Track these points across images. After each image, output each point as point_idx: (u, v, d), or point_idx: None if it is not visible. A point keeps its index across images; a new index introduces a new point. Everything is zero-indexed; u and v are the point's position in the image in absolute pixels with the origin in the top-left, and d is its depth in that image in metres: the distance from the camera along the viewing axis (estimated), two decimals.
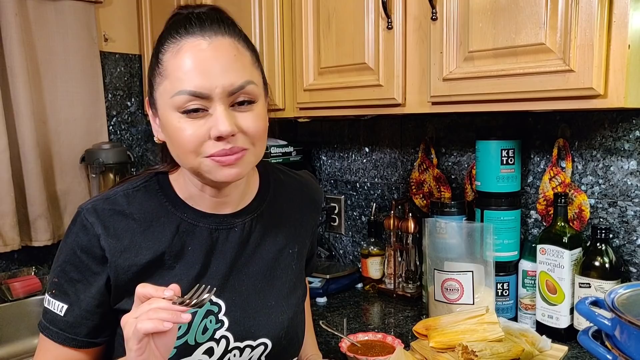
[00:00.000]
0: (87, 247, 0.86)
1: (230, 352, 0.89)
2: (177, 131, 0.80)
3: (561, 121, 1.43)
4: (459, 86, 1.19)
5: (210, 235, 0.92)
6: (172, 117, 0.81)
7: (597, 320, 0.83)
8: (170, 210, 0.91)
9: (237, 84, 0.80)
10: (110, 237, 0.86)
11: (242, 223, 0.95)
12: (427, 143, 1.71)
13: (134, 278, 0.86)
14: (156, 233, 0.89)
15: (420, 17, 1.26)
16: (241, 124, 0.81)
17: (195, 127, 0.79)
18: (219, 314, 0.90)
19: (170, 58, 0.81)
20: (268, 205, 1.00)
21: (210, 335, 0.88)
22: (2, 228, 1.78)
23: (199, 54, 0.79)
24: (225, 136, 0.79)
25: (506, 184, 1.43)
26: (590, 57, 0.99)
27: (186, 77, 0.78)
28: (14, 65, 1.78)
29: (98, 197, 0.91)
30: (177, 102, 0.79)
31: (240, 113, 0.82)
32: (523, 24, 1.07)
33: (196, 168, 0.83)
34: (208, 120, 0.80)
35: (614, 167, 1.35)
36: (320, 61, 1.48)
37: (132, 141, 2.22)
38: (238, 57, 0.82)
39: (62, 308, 0.87)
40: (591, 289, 1.26)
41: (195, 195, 0.92)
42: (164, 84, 0.81)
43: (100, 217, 0.87)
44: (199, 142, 0.80)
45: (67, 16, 1.97)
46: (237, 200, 0.95)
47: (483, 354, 1.11)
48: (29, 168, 1.82)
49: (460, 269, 1.38)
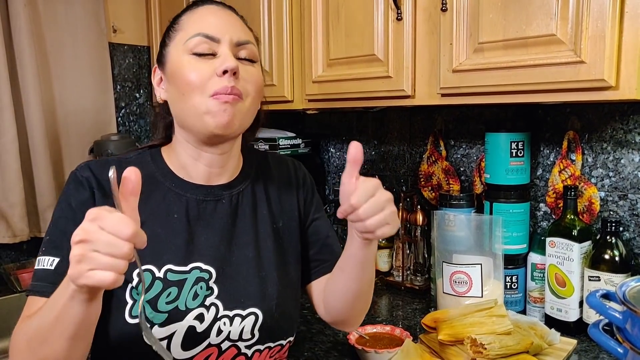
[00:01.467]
0: (82, 200, 0.88)
1: (220, 320, 0.90)
2: (187, 70, 0.88)
3: (571, 113, 1.42)
4: (469, 78, 1.18)
5: (198, 205, 0.95)
6: (183, 60, 0.89)
7: (608, 313, 0.83)
8: (159, 180, 0.96)
9: (242, 38, 0.92)
10: (102, 194, 0.89)
11: (229, 195, 0.98)
12: (436, 135, 1.71)
13: None
14: (143, 199, 0.85)
15: (430, 8, 1.25)
16: (242, 71, 0.90)
17: (204, 66, 0.88)
18: (209, 281, 0.91)
19: (188, 16, 0.93)
20: (252, 181, 1.03)
21: (200, 302, 0.89)
22: (12, 219, 1.79)
23: (214, 11, 0.93)
24: (230, 70, 0.86)
25: (515, 177, 1.42)
26: (602, 48, 0.98)
27: (200, 24, 0.90)
28: (23, 57, 1.78)
29: (91, 160, 0.96)
30: (190, 44, 0.89)
31: (243, 65, 0.91)
32: (534, 14, 1.06)
33: (196, 108, 0.88)
34: (215, 61, 0.88)
35: (624, 159, 1.34)
36: (329, 53, 1.47)
37: (141, 132, 2.23)
38: (244, 26, 0.95)
39: (53, 262, 0.86)
40: (601, 282, 1.25)
41: (188, 165, 0.96)
42: (179, 34, 0.92)
43: (94, 173, 0.91)
44: (205, 78, 0.87)
45: (76, 7, 1.97)
46: (230, 172, 1.00)
47: (492, 347, 1.11)
48: (38, 159, 1.83)
49: (468, 261, 1.37)
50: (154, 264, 0.89)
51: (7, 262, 1.86)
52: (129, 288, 0.88)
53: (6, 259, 1.87)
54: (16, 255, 1.89)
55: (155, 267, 0.89)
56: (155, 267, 0.89)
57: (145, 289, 0.87)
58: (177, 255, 0.91)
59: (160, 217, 0.93)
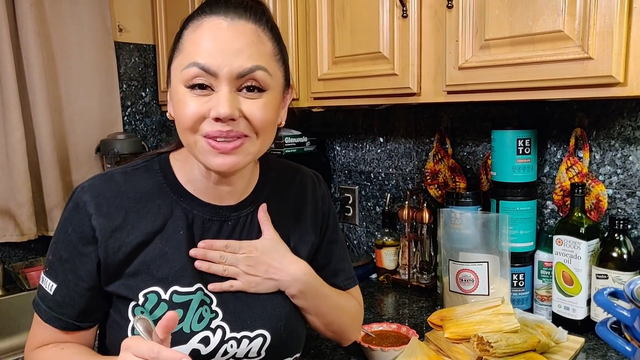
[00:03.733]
0: (78, 227, 0.85)
1: (227, 343, 0.87)
2: (180, 105, 0.81)
3: (579, 110, 1.41)
4: (475, 75, 1.17)
5: (203, 225, 0.91)
6: (179, 91, 0.81)
7: (616, 312, 0.82)
8: (166, 192, 0.91)
9: (245, 67, 0.79)
10: (102, 216, 0.85)
11: (237, 217, 0.94)
12: (442, 133, 1.70)
13: (124, 259, 0.86)
14: (150, 214, 0.88)
15: (435, 5, 1.25)
16: (245, 109, 0.80)
17: (197, 103, 0.79)
18: (212, 304, 0.89)
19: (189, 34, 0.82)
20: (265, 200, 0.98)
21: (206, 325, 0.87)
22: (19, 218, 1.80)
23: (216, 32, 0.79)
24: (224, 119, 0.78)
25: (522, 174, 1.41)
26: (610, 44, 0.97)
27: (198, 52, 0.79)
28: (30, 56, 1.79)
29: (96, 176, 0.91)
30: (185, 75, 0.79)
31: (247, 99, 0.81)
32: (540, 10, 1.06)
33: (192, 147, 0.83)
34: (211, 99, 0.79)
35: (632, 156, 1.33)
36: (334, 50, 1.47)
37: (147, 131, 2.23)
38: (255, 44, 0.81)
39: (52, 287, 0.87)
40: (609, 280, 1.24)
41: (197, 179, 0.91)
42: (179, 58, 0.82)
43: (94, 195, 0.86)
44: (197, 118, 0.79)
45: (82, 7, 1.98)
46: (240, 193, 0.95)
47: (498, 345, 1.11)
48: (45, 158, 1.84)
49: (475, 259, 1.37)
50: (160, 284, 0.86)
51: (15, 261, 1.87)
52: (131, 305, 0.86)
53: (14, 258, 1.88)
54: (24, 253, 1.90)
55: (161, 289, 0.86)
56: (161, 288, 0.86)
57: (150, 309, 0.85)
58: (183, 275, 0.88)
59: (168, 234, 0.89)
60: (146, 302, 0.85)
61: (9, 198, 1.80)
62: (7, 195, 1.80)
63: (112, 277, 0.87)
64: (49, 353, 0.88)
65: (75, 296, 0.87)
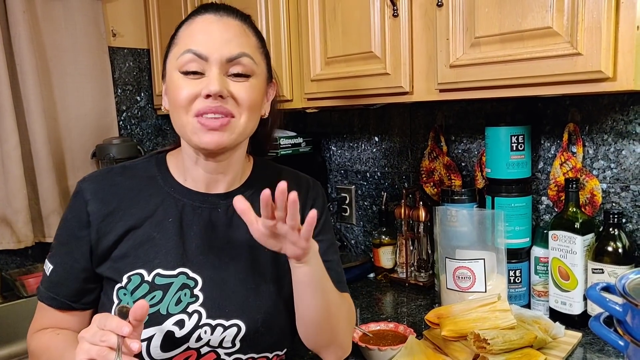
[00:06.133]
0: (76, 212, 0.94)
1: (201, 328, 0.90)
2: (175, 89, 0.89)
3: (571, 105, 1.41)
4: (466, 73, 1.18)
5: (193, 211, 0.97)
6: (174, 77, 0.90)
7: (608, 306, 0.82)
8: (159, 184, 0.98)
9: (233, 53, 0.89)
10: (97, 201, 0.94)
11: (227, 205, 0.98)
12: (436, 131, 1.70)
13: (113, 242, 0.93)
14: (142, 202, 0.96)
15: (425, 3, 1.25)
16: (233, 90, 0.89)
17: (190, 85, 0.88)
18: (195, 288, 0.92)
19: (184, 30, 0.92)
20: (256, 194, 0.98)
21: (183, 308, 0.90)
22: (16, 225, 1.80)
23: (207, 25, 0.90)
24: (214, 95, 0.86)
25: (516, 170, 1.41)
26: (598, 39, 0.97)
27: (191, 40, 0.89)
28: (24, 63, 1.79)
29: (99, 170, 1.01)
30: (180, 62, 0.89)
31: (235, 82, 0.90)
32: (529, 7, 1.06)
33: (184, 128, 0.90)
34: (203, 81, 0.88)
35: (625, 150, 1.33)
36: (327, 51, 1.47)
37: (143, 135, 2.23)
38: (242, 35, 0.92)
39: (49, 268, 0.96)
40: (604, 274, 1.25)
41: (188, 169, 0.98)
42: (174, 50, 0.92)
43: (93, 184, 0.96)
44: (190, 98, 0.88)
45: (75, 12, 1.97)
46: (229, 181, 1.00)
47: (495, 342, 1.11)
48: (41, 164, 1.84)
49: (471, 256, 1.37)
50: (145, 267, 0.92)
51: (12, 268, 1.87)
52: (116, 287, 0.92)
53: (11, 265, 1.88)
54: (21, 260, 1.90)
55: (145, 271, 0.92)
56: (145, 270, 0.92)
57: (132, 290, 0.91)
58: (167, 259, 0.93)
59: (157, 220, 0.95)
60: (129, 283, 0.91)
61: (5, 205, 1.79)
62: (3, 202, 1.79)
63: (101, 259, 0.94)
64: (46, 337, 0.95)
65: (69, 277, 0.94)
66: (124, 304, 0.90)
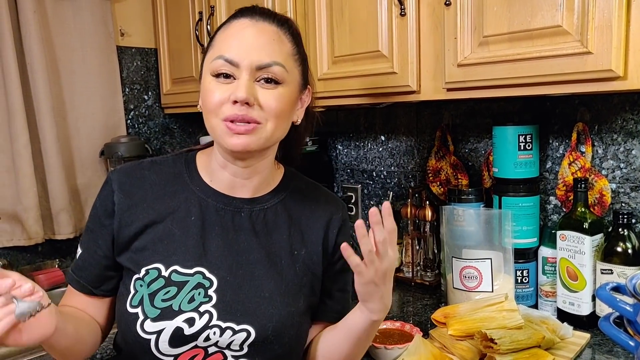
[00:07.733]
0: (103, 200, 0.97)
1: (211, 329, 0.90)
2: (207, 92, 0.91)
3: (580, 105, 1.40)
4: (474, 72, 1.17)
5: (216, 212, 0.97)
6: (207, 80, 0.91)
7: (619, 306, 0.82)
8: (186, 181, 0.99)
9: (264, 61, 0.89)
10: (122, 192, 0.96)
11: (250, 210, 0.99)
12: (443, 130, 1.70)
13: (134, 234, 0.95)
14: (166, 197, 0.97)
15: (433, 2, 1.25)
16: (260, 97, 0.89)
17: (221, 90, 0.89)
18: (209, 289, 0.92)
19: (220, 34, 0.94)
20: (281, 203, 1.02)
21: (195, 306, 0.90)
22: (26, 222, 1.81)
23: (241, 30, 0.91)
24: (240, 102, 0.87)
25: (524, 170, 1.41)
26: (609, 38, 0.97)
27: (225, 47, 0.90)
28: (34, 62, 1.80)
29: (130, 162, 1.03)
30: (213, 66, 0.90)
31: (263, 89, 0.90)
32: (539, 6, 1.05)
33: (214, 130, 0.91)
34: (232, 86, 0.89)
35: (635, 150, 1.32)
36: (334, 50, 1.47)
37: (150, 134, 2.24)
38: (276, 42, 0.91)
39: (79, 253, 1.00)
40: (613, 275, 1.24)
41: (215, 171, 0.99)
42: (210, 52, 0.93)
43: (121, 175, 0.98)
44: (219, 102, 0.89)
45: (84, 12, 1.99)
46: (255, 187, 1.00)
47: (502, 342, 1.11)
48: (51, 163, 1.85)
49: (478, 256, 1.37)
50: (163, 262, 0.93)
51: (23, 265, 1.88)
52: (134, 278, 0.93)
53: (22, 262, 1.89)
54: (32, 257, 1.91)
55: (163, 266, 0.93)
56: (163, 265, 0.93)
57: (149, 282, 0.92)
58: (185, 257, 0.93)
59: (180, 217, 0.96)
60: (146, 276, 0.92)
61: (16, 202, 1.81)
62: (14, 199, 1.81)
63: (122, 249, 0.96)
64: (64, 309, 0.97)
65: (92, 262, 0.97)
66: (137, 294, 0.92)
